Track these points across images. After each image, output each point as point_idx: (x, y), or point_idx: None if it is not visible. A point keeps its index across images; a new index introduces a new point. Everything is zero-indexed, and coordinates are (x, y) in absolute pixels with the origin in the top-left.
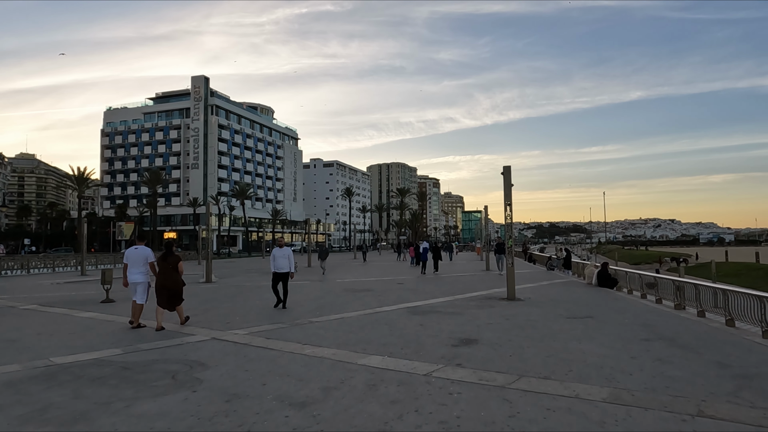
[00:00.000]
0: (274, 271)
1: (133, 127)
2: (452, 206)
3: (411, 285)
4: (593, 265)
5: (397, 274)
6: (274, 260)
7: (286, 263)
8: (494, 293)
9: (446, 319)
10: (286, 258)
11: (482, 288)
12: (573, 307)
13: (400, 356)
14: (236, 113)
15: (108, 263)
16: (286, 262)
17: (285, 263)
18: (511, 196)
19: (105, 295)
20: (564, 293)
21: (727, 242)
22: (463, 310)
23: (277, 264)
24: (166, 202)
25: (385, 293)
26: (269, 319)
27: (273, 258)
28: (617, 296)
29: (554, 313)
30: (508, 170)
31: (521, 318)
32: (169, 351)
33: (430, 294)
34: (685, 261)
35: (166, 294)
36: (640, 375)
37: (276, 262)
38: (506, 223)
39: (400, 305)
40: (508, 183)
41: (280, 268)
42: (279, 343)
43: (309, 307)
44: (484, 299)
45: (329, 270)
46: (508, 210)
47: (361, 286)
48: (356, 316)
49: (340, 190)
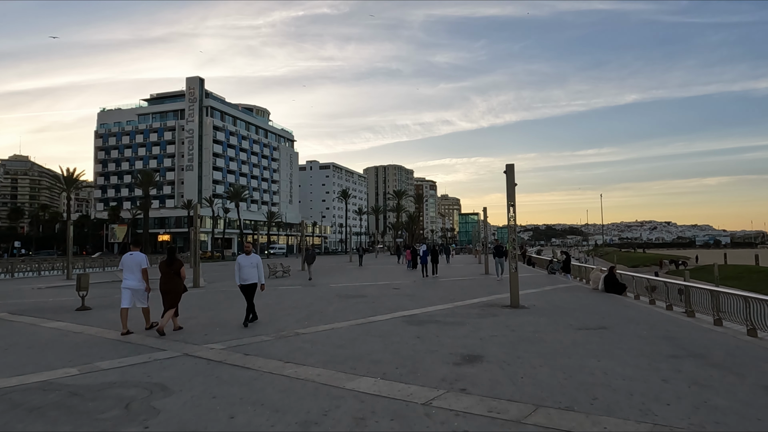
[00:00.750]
0: (240, 283)
1: (127, 128)
2: (449, 208)
3: (407, 290)
4: (599, 269)
5: (393, 278)
6: (240, 270)
7: (253, 273)
8: (496, 300)
9: (446, 331)
10: (254, 267)
11: (483, 294)
12: (583, 315)
13: (395, 378)
14: (231, 115)
15: (97, 267)
16: (254, 271)
17: (252, 273)
18: (514, 195)
19: (81, 302)
20: (570, 300)
21: (723, 244)
22: (464, 319)
23: (243, 274)
24: (160, 205)
25: (379, 299)
26: (252, 330)
27: (238, 267)
28: (627, 303)
29: (563, 323)
30: (511, 169)
31: (528, 329)
32: (132, 371)
33: (428, 300)
34: (684, 264)
35: (168, 299)
36: (680, 405)
37: (242, 273)
38: (510, 225)
39: (396, 314)
40: (512, 182)
41: (246, 279)
42: (258, 360)
43: (297, 315)
44: (485, 307)
45: (323, 274)
46: (511, 211)
47: (354, 292)
48: (347, 327)
49: (336, 193)
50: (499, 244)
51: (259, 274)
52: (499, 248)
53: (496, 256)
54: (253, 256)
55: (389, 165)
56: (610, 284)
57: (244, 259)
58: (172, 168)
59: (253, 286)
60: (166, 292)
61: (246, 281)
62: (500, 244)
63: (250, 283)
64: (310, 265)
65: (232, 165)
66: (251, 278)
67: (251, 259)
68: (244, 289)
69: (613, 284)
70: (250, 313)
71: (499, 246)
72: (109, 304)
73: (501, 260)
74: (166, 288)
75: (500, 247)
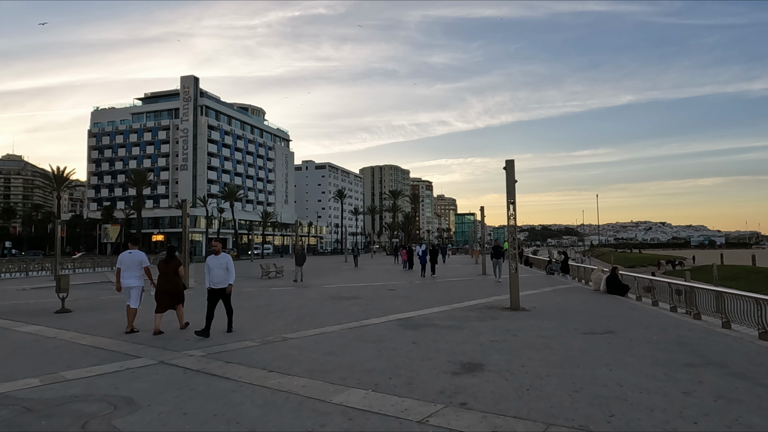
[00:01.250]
0: (210, 286)
1: (120, 127)
2: (445, 209)
3: (403, 292)
4: (600, 270)
5: (388, 279)
6: (209, 272)
7: (224, 275)
8: (495, 302)
9: (444, 335)
10: (224, 268)
11: (481, 295)
12: (587, 319)
13: (388, 390)
14: (226, 114)
15: (88, 267)
16: (224, 273)
17: (223, 275)
18: (514, 193)
19: (60, 304)
20: (572, 301)
21: (718, 245)
22: (462, 322)
23: (213, 277)
24: (154, 204)
25: (374, 301)
26: (237, 335)
27: (207, 269)
28: (632, 305)
29: (568, 327)
30: (511, 165)
31: (531, 334)
32: (99, 382)
33: (425, 302)
34: (681, 264)
35: (167, 298)
36: (710, 424)
37: (211, 275)
38: (509, 224)
39: (391, 317)
40: (512, 179)
41: (217, 283)
42: (240, 369)
43: (286, 318)
44: (484, 309)
45: (317, 275)
46: (511, 209)
47: (348, 293)
48: (339, 331)
49: (332, 193)
50: (497, 245)
51: (230, 275)
52: (497, 249)
53: (494, 257)
54: (222, 256)
55: (385, 165)
56: (613, 285)
57: (213, 260)
58: (166, 168)
59: (225, 290)
60: (164, 291)
61: (217, 285)
62: (498, 245)
63: (221, 288)
64: (301, 266)
65: (227, 165)
66: (222, 281)
67: (220, 259)
68: (215, 294)
69: (616, 285)
70: (230, 320)
71: (497, 246)
72: (92, 307)
73: (499, 261)
74: (165, 287)
75: (498, 247)
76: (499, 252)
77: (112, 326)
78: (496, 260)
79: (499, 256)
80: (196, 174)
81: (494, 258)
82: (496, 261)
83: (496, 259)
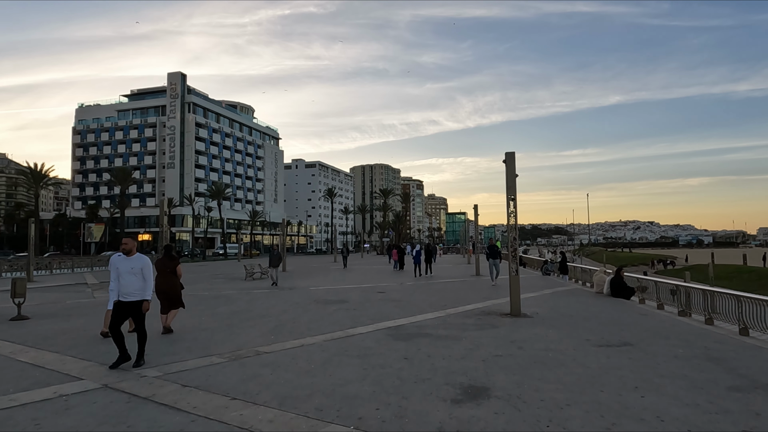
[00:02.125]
0: (117, 299)
1: (106, 125)
2: (436, 208)
3: (394, 294)
4: (603, 271)
5: (378, 280)
6: (119, 278)
7: (138, 284)
8: (493, 306)
9: (440, 349)
10: (139, 275)
11: (477, 299)
12: (597, 327)
13: (375, 426)
14: (214, 111)
15: (66, 268)
16: (138, 282)
17: (136, 285)
18: (515, 188)
19: (17, 310)
20: (575, 306)
21: (705, 244)
22: (459, 332)
23: (123, 286)
24: (140, 203)
25: (362, 306)
26: (204, 347)
27: (115, 274)
28: (642, 310)
29: (578, 338)
30: (511, 158)
31: (538, 346)
32: (18, 415)
33: (417, 307)
34: (672, 263)
35: (165, 299)
36: None
37: (121, 283)
38: (509, 222)
39: (380, 324)
40: (512, 173)
41: (127, 294)
42: (197, 396)
43: (263, 327)
44: (482, 315)
45: (303, 276)
46: (511, 206)
47: (335, 296)
48: (320, 343)
49: (322, 192)
50: (492, 244)
51: (146, 286)
52: (493, 248)
53: (490, 257)
54: (136, 258)
55: (376, 164)
56: (617, 288)
57: (122, 262)
58: (152, 166)
59: (138, 306)
60: (162, 291)
61: (127, 297)
62: (494, 244)
63: (132, 301)
64: (275, 267)
65: (215, 163)
66: (134, 292)
67: (133, 263)
68: (123, 309)
69: (621, 288)
70: (141, 348)
71: (492, 246)
72: (53, 313)
73: (495, 262)
74: (163, 287)
75: (494, 247)
76: (495, 252)
77: (67, 337)
78: (492, 261)
79: (495, 257)
80: (184, 172)
81: (490, 258)
82: (493, 262)
83: (493, 259)
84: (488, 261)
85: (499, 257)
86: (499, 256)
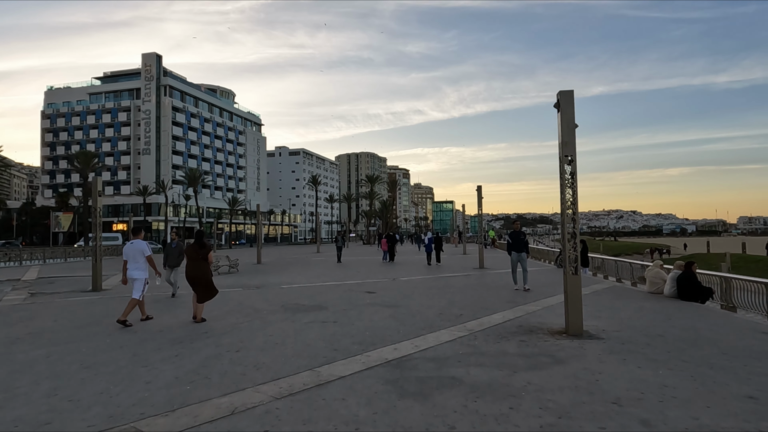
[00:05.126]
0: None
1: (77, 108)
2: (422, 197)
3: (387, 296)
4: (659, 265)
5: (365, 274)
6: None
7: None
8: (530, 318)
9: (488, 421)
10: None
11: (499, 304)
12: (718, 357)
13: None
14: (193, 95)
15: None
16: None
17: None
18: (574, 143)
19: None
20: (647, 316)
21: (689, 233)
22: (505, 373)
23: None
24: (114, 191)
25: (345, 316)
26: (50, 408)
27: None
28: (748, 323)
29: (717, 386)
30: (568, 99)
31: (673, 414)
32: None
33: (422, 318)
34: (668, 252)
35: (199, 286)
36: None
37: None
38: (565, 197)
39: (372, 355)
40: (569, 120)
41: None
42: None
43: (186, 362)
44: (524, 334)
45: (279, 270)
46: (567, 171)
47: (310, 299)
48: (267, 410)
49: (306, 180)
50: (518, 230)
51: None
52: (518, 237)
53: (514, 249)
54: None
55: (362, 152)
56: (688, 288)
57: None
58: (127, 152)
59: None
60: (193, 278)
61: None
62: (519, 231)
63: None
64: (174, 269)
65: (193, 149)
66: None
67: None
68: None
69: (695, 288)
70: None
71: (517, 233)
72: None
73: (522, 257)
74: (194, 274)
75: (518, 234)
76: (520, 242)
77: None
78: (517, 256)
79: (521, 248)
80: (160, 159)
81: (514, 251)
82: (518, 257)
83: (517, 253)
84: (511, 256)
85: (527, 251)
86: (527, 247)
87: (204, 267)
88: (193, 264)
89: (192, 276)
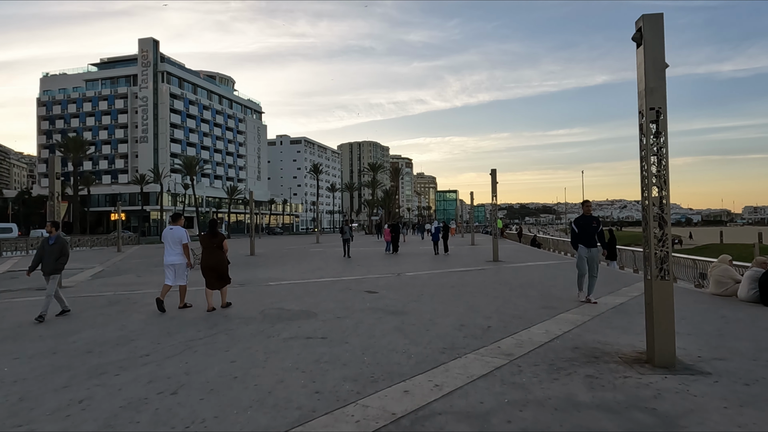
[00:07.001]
0: None
1: (73, 95)
2: (425, 187)
3: (392, 298)
4: (728, 262)
5: (366, 269)
6: None
7: None
8: (583, 333)
9: None
10: None
11: (533, 311)
12: None
13: None
14: (191, 82)
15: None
16: None
17: None
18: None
19: None
20: (739, 331)
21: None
22: None
23: None
24: (112, 180)
25: (338, 329)
26: None
27: None
28: None
29: None
30: (656, 23)
31: None
32: None
33: (438, 330)
34: (680, 242)
35: (214, 275)
36: None
37: None
38: (647, 149)
39: (369, 402)
40: (656, 47)
41: None
42: None
43: (107, 405)
44: (582, 361)
45: (271, 262)
46: (651, 122)
47: (298, 301)
48: None
49: (308, 169)
50: (588, 215)
51: None
52: (589, 224)
53: (582, 244)
54: None
55: (364, 141)
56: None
57: None
58: (124, 140)
59: None
60: (208, 267)
61: None
62: (591, 215)
63: None
64: (52, 277)
65: (192, 137)
66: None
67: None
68: None
69: None
70: None
71: (589, 219)
72: None
73: (593, 254)
74: (209, 263)
75: (591, 221)
76: (592, 233)
77: None
78: (587, 252)
79: (593, 245)
80: (158, 147)
81: (583, 245)
82: (589, 255)
83: (587, 248)
84: (578, 252)
85: (605, 244)
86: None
87: (220, 255)
88: (208, 253)
89: (208, 266)
